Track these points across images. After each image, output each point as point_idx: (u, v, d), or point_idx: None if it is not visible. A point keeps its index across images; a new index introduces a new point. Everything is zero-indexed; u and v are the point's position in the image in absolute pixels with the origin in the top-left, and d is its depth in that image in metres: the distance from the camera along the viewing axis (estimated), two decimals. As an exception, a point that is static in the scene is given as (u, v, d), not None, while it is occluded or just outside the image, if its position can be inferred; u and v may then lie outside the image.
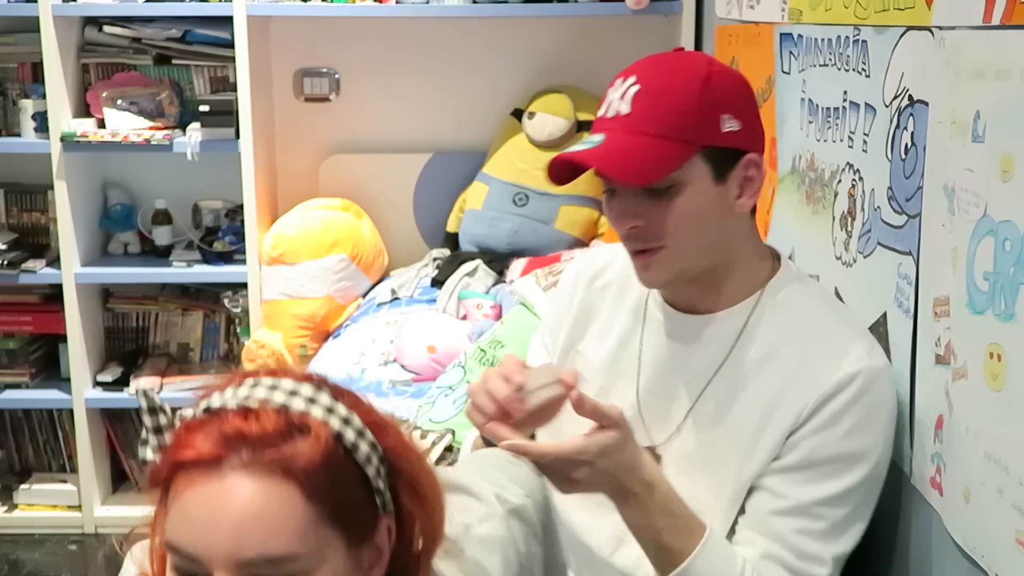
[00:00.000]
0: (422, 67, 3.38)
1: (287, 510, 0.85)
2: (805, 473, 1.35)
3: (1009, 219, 1.13)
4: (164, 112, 3.18)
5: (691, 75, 1.34)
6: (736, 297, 1.42)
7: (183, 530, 0.85)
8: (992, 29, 1.18)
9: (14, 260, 3.12)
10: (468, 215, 3.22)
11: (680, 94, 1.32)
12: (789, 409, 1.36)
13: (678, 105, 1.32)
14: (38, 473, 3.39)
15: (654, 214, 1.33)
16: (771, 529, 1.36)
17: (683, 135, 1.31)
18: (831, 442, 1.34)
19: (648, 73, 1.34)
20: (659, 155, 1.31)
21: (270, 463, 0.85)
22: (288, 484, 0.85)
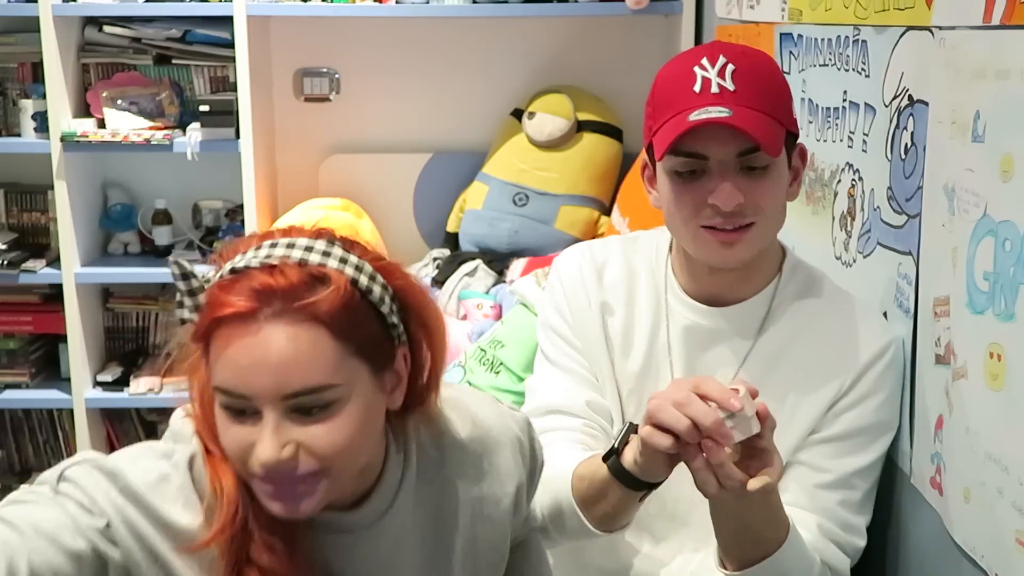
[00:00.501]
0: (422, 67, 3.37)
1: (318, 349, 0.99)
2: (846, 444, 1.40)
3: (1009, 219, 1.13)
4: (164, 112, 3.18)
5: (767, 60, 1.40)
6: (761, 283, 1.46)
7: (231, 375, 0.98)
8: (992, 29, 1.17)
9: (14, 260, 3.12)
10: (468, 215, 3.22)
11: (770, 75, 1.37)
12: (830, 383, 1.40)
13: (775, 86, 1.36)
14: (38, 473, 3.37)
15: (752, 191, 1.34)
16: (819, 504, 1.39)
17: (779, 115, 1.35)
18: (868, 412, 1.40)
19: (731, 53, 1.34)
20: (776, 132, 1.33)
21: (298, 311, 0.98)
22: (316, 327, 0.99)
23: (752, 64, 1.35)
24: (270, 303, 0.98)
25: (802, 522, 1.35)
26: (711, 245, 1.37)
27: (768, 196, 1.35)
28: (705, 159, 1.33)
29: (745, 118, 1.30)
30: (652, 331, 1.48)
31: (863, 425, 1.41)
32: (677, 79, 1.35)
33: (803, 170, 1.43)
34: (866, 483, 1.42)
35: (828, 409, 1.41)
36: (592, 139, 3.15)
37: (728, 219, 1.34)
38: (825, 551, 1.37)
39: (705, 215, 1.35)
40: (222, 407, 1.01)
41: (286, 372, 0.98)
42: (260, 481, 1.02)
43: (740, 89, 1.32)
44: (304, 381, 0.99)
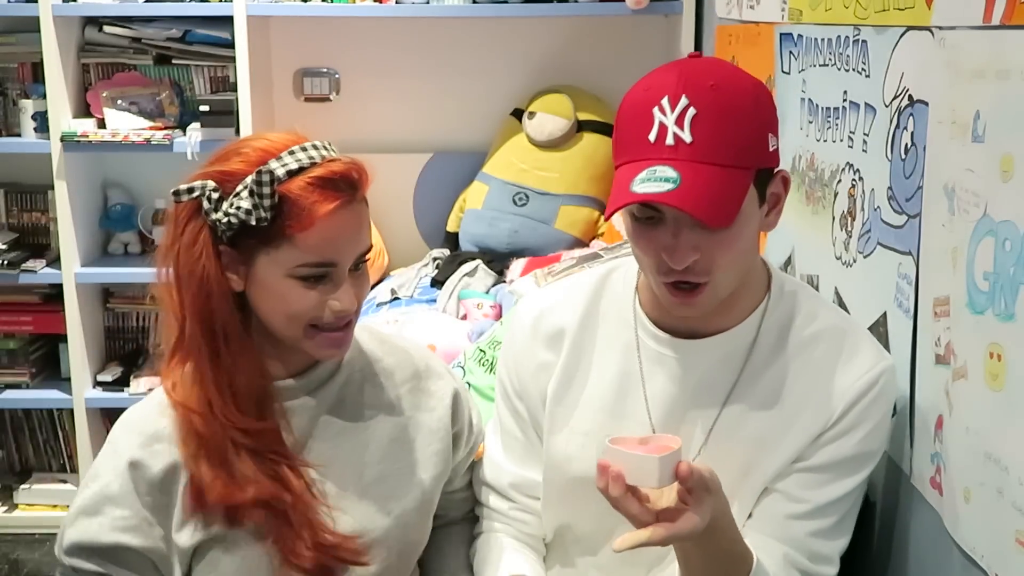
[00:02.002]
0: (422, 67, 3.37)
1: (367, 219, 1.34)
2: (825, 475, 1.36)
3: (1009, 219, 1.13)
4: (164, 112, 3.18)
5: (742, 93, 1.26)
6: (743, 313, 1.38)
7: (326, 248, 1.27)
8: (992, 29, 1.17)
9: (14, 260, 3.12)
10: (468, 215, 3.22)
11: (738, 116, 1.24)
12: (818, 414, 1.35)
13: (739, 129, 1.23)
14: (38, 473, 3.39)
15: (710, 247, 1.25)
16: (788, 534, 1.35)
17: (745, 160, 1.24)
18: (852, 444, 1.35)
19: (696, 92, 1.23)
20: (732, 190, 1.23)
21: (361, 195, 1.32)
22: (362, 203, 1.33)
23: (719, 104, 1.22)
24: (349, 190, 1.28)
25: (768, 552, 1.33)
26: (668, 296, 1.30)
27: (726, 251, 1.25)
28: (659, 211, 1.25)
29: (692, 187, 1.19)
30: (624, 372, 1.41)
31: (845, 456, 1.35)
32: (635, 119, 1.26)
33: (784, 196, 1.33)
34: (841, 510, 1.37)
35: (813, 440, 1.35)
36: (592, 139, 3.15)
37: (683, 275, 1.26)
38: None
39: (661, 265, 1.27)
40: (300, 279, 1.27)
41: (360, 239, 1.31)
42: (324, 332, 1.31)
43: (698, 140, 1.21)
44: (367, 243, 1.33)
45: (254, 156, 1.27)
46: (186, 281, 1.29)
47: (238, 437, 1.30)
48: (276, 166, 1.25)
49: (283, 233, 1.25)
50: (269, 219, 1.24)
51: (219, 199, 1.26)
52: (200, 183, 1.27)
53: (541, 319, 1.48)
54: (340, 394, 1.42)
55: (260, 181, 1.23)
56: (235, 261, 1.29)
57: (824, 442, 1.36)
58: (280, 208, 1.24)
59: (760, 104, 1.27)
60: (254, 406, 1.32)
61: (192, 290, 1.29)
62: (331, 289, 1.29)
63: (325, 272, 1.28)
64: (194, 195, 1.27)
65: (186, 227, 1.28)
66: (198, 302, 1.29)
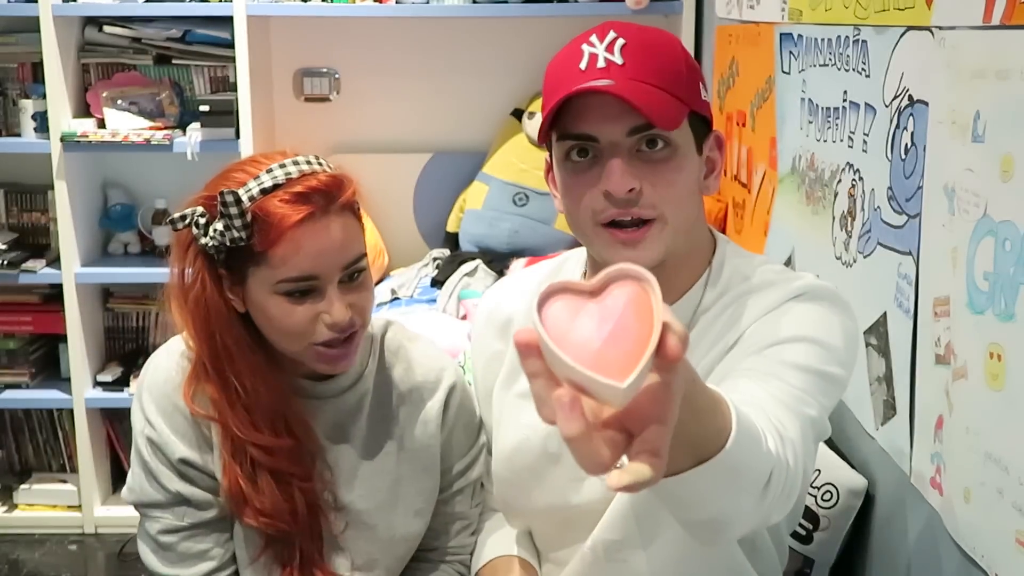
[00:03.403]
0: (422, 67, 3.37)
1: (354, 228, 1.33)
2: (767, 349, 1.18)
3: (1009, 219, 1.13)
4: (164, 112, 3.18)
5: (667, 36, 1.24)
6: (683, 286, 1.27)
7: (303, 263, 1.26)
8: (992, 29, 1.18)
9: (14, 260, 3.12)
10: (468, 215, 3.22)
11: (666, 50, 1.20)
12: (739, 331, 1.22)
13: (669, 61, 1.19)
14: (38, 473, 3.39)
15: (650, 177, 1.17)
16: (754, 383, 1.13)
17: (678, 92, 1.18)
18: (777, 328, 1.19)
19: (623, 28, 1.21)
20: (670, 103, 1.16)
21: (339, 205, 1.30)
22: (348, 214, 1.31)
23: (647, 39, 1.20)
24: (320, 203, 1.27)
25: (752, 396, 1.11)
26: (613, 246, 1.20)
27: (669, 184, 1.18)
28: (595, 140, 1.18)
29: (631, 90, 1.13)
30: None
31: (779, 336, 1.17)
32: (564, 60, 1.22)
33: (721, 161, 1.27)
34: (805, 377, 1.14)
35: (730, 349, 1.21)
36: (592, 139, 3.15)
37: (625, 209, 1.17)
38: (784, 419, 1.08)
39: (600, 206, 1.18)
40: (285, 295, 1.28)
41: (343, 249, 1.29)
42: (321, 347, 1.30)
43: (629, 63, 1.16)
44: (352, 254, 1.30)
45: (240, 179, 1.29)
46: (191, 306, 1.32)
47: (255, 453, 1.32)
48: (252, 185, 1.27)
49: (259, 251, 1.26)
50: (245, 238, 1.25)
51: (206, 224, 1.28)
52: (191, 210, 1.29)
53: (494, 310, 1.44)
54: (358, 403, 1.42)
55: (225, 202, 1.24)
56: (233, 283, 1.31)
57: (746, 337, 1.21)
58: (254, 226, 1.25)
59: (685, 51, 1.24)
60: (269, 423, 1.33)
61: (197, 314, 1.31)
62: (320, 303, 1.28)
63: (308, 287, 1.28)
64: (186, 222, 1.29)
65: (186, 253, 1.31)
66: (201, 324, 1.31)
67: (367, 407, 1.42)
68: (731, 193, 2.66)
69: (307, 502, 1.34)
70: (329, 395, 1.40)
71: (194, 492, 1.35)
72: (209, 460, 1.35)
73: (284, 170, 1.28)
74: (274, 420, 1.33)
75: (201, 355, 1.33)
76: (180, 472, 1.35)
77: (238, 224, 1.25)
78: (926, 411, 1.38)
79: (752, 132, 2.40)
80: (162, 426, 1.35)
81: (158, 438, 1.35)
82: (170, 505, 1.36)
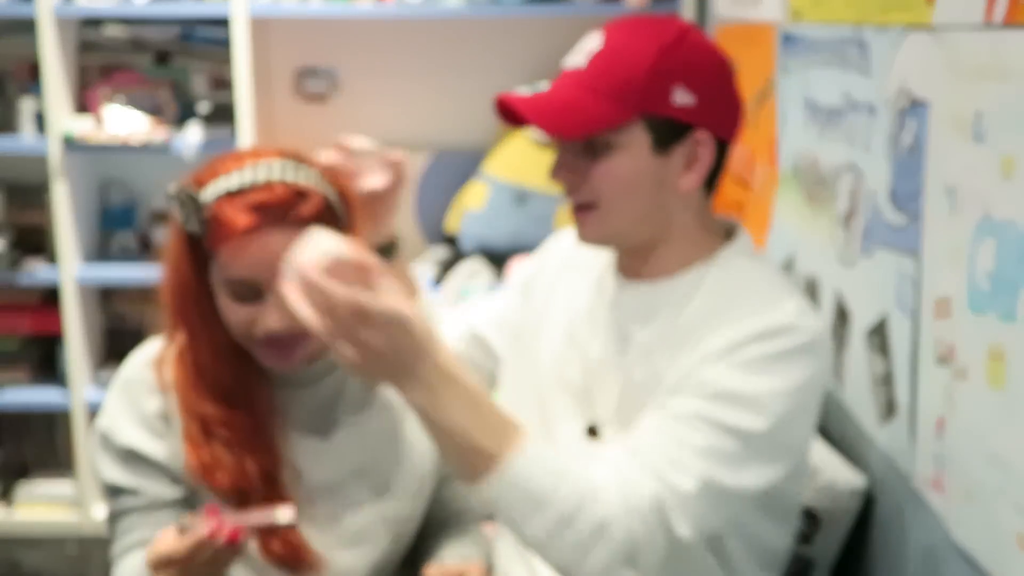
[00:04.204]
0: (422, 67, 3.37)
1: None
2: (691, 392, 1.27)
3: (1010, 219, 1.13)
4: (163, 112, 3.18)
5: (654, 39, 1.31)
6: (678, 267, 1.38)
7: (243, 270, 1.29)
8: (993, 29, 1.17)
9: (13, 260, 3.12)
10: (468, 215, 3.22)
11: (633, 57, 1.30)
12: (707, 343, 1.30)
13: (627, 67, 1.30)
14: (38, 473, 3.39)
15: (587, 172, 1.33)
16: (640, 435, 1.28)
17: (626, 98, 1.29)
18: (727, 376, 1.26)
19: (616, 33, 1.34)
20: (595, 113, 1.29)
21: (291, 220, 1.29)
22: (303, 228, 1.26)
23: (621, 43, 1.32)
24: (269, 216, 1.28)
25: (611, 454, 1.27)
26: (573, 221, 1.39)
27: (604, 179, 1.32)
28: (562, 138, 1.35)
29: (549, 98, 1.32)
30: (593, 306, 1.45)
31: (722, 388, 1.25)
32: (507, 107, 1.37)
33: (704, 160, 1.34)
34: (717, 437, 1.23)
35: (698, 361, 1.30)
36: (592, 139, 3.15)
37: (569, 195, 1.36)
38: (622, 468, 1.23)
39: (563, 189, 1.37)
40: (229, 293, 1.31)
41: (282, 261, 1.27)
42: (262, 345, 1.33)
43: (589, 68, 1.32)
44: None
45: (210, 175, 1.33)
46: (166, 276, 1.38)
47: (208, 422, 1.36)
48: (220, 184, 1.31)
49: (212, 248, 1.32)
50: (200, 233, 1.31)
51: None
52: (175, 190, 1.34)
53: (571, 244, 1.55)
54: (337, 390, 1.46)
55: (181, 200, 1.30)
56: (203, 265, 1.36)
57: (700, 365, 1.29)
58: (209, 224, 1.30)
59: (670, 56, 1.31)
60: (221, 396, 1.37)
61: (169, 283, 1.38)
62: (260, 308, 1.32)
63: (248, 291, 1.31)
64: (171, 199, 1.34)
65: (173, 234, 1.37)
66: (171, 293, 1.38)
67: (347, 393, 1.46)
68: (731, 193, 2.66)
69: (260, 471, 1.36)
70: (304, 383, 1.43)
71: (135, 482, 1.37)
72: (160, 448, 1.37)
73: (248, 176, 1.31)
74: (227, 394, 1.36)
75: (173, 324, 1.39)
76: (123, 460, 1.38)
77: (193, 220, 1.30)
78: (927, 412, 1.38)
79: (753, 132, 2.40)
80: (116, 412, 1.39)
81: (108, 424, 1.39)
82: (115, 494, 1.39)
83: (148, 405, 1.39)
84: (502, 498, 1.18)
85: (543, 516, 1.18)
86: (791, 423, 1.28)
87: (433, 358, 1.15)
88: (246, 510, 1.27)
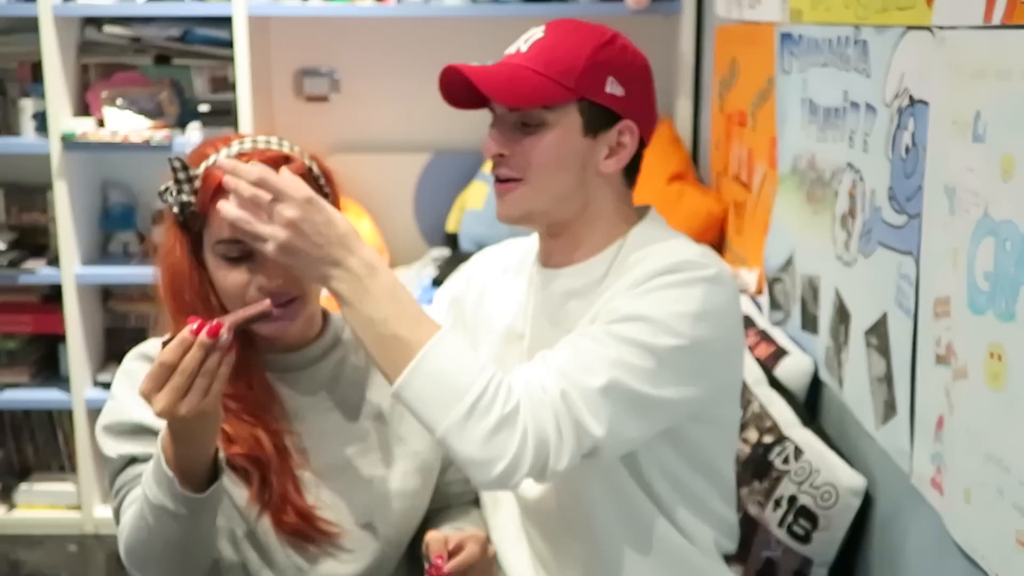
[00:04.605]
0: (422, 67, 3.35)
1: None
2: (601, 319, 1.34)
3: (1010, 219, 1.13)
4: (164, 112, 3.18)
5: (592, 36, 1.41)
6: (595, 249, 1.44)
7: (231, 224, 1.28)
8: (992, 29, 1.18)
9: (14, 260, 3.12)
10: (468, 215, 3.22)
11: (573, 47, 1.40)
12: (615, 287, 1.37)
13: (568, 54, 1.39)
14: (38, 473, 3.39)
15: (519, 147, 1.40)
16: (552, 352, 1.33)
17: (564, 80, 1.37)
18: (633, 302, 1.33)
19: (558, 28, 1.44)
20: (536, 88, 1.38)
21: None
22: None
23: (560, 34, 1.42)
24: None
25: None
26: (496, 196, 1.45)
27: (536, 154, 1.39)
28: (494, 112, 1.45)
29: (494, 70, 1.40)
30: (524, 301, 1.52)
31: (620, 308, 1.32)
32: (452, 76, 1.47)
33: (627, 148, 1.42)
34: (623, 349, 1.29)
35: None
36: (592, 139, 3.15)
37: (497, 169, 1.43)
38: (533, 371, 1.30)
39: (493, 167, 1.44)
40: (222, 258, 1.34)
41: None
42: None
43: (528, 53, 1.41)
44: None
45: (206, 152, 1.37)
46: (163, 266, 1.39)
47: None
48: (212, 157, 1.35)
49: (203, 211, 1.34)
50: (192, 201, 1.33)
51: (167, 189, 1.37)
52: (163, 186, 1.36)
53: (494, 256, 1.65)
54: (335, 371, 1.47)
55: (173, 167, 1.33)
56: (196, 246, 1.38)
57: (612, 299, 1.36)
58: (200, 191, 1.34)
59: (605, 51, 1.40)
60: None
61: (167, 271, 1.39)
62: (252, 268, 1.34)
63: (240, 251, 1.33)
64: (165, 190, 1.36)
65: (166, 225, 1.39)
66: (169, 281, 1.39)
67: (345, 374, 1.47)
68: (732, 193, 2.66)
69: (272, 441, 1.37)
70: (300, 366, 1.45)
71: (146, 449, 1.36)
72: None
73: (240, 145, 1.36)
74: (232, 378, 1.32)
75: (173, 315, 1.39)
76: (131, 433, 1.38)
77: (186, 189, 1.33)
78: (926, 411, 1.38)
79: (752, 132, 2.40)
80: (121, 396, 1.40)
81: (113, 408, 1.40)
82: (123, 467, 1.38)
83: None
84: (418, 387, 1.24)
85: (456, 406, 1.23)
86: (703, 346, 1.32)
87: (359, 251, 1.26)
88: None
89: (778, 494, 1.71)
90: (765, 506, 1.72)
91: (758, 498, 1.74)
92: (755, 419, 1.80)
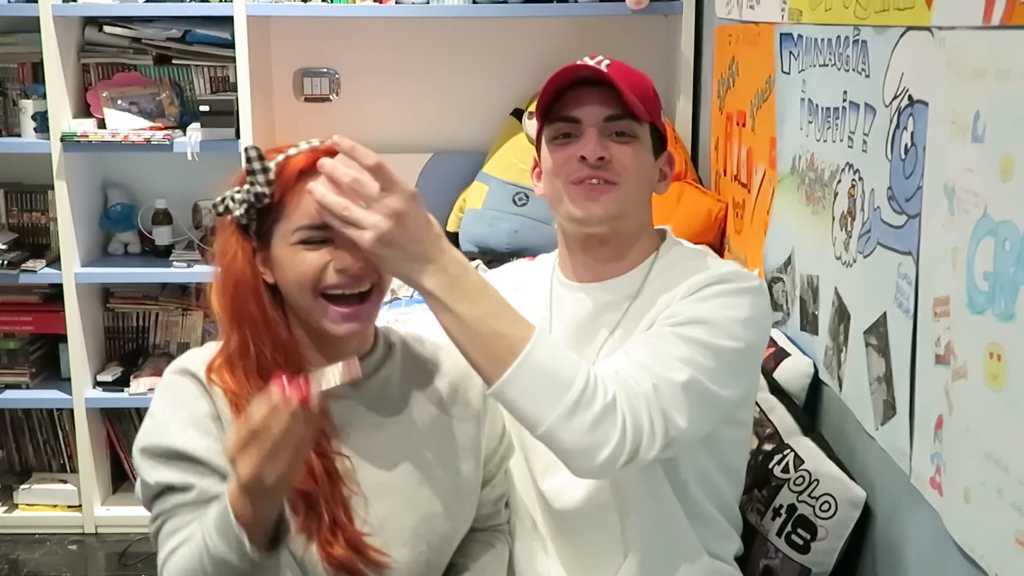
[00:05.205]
0: (422, 67, 3.38)
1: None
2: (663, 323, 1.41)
3: (1009, 219, 1.13)
4: (164, 112, 3.18)
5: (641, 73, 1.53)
6: (634, 262, 1.53)
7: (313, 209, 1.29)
8: (992, 29, 1.18)
9: (14, 260, 3.12)
10: (468, 215, 3.22)
11: (641, 75, 1.52)
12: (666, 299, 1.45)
13: (642, 82, 1.51)
14: (38, 473, 3.39)
15: (618, 153, 1.47)
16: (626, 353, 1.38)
17: (645, 104, 1.48)
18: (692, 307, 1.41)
19: (611, 60, 1.50)
20: (640, 106, 1.47)
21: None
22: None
23: (627, 67, 1.51)
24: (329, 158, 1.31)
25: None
26: (578, 198, 1.47)
27: (631, 160, 1.48)
28: (578, 122, 1.48)
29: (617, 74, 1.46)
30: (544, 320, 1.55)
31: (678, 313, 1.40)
32: (561, 69, 1.48)
33: (670, 175, 1.57)
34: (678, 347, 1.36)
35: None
36: (592, 139, 3.15)
37: (594, 171, 1.46)
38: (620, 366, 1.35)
39: (574, 168, 1.47)
40: (302, 243, 1.32)
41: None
42: (332, 303, 1.33)
43: (612, 72, 1.46)
44: None
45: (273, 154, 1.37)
46: (223, 278, 1.37)
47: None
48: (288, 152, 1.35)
49: (281, 204, 1.33)
50: (268, 193, 1.32)
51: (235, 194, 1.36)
52: (227, 192, 1.36)
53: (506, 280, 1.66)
54: (382, 390, 1.45)
55: (249, 157, 1.32)
56: (261, 249, 1.36)
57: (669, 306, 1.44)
58: (276, 181, 1.33)
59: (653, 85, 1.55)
60: None
61: (228, 284, 1.36)
62: (333, 251, 1.32)
63: (324, 236, 1.32)
64: (223, 202, 1.35)
65: (223, 234, 1.38)
66: (231, 294, 1.36)
67: (391, 392, 1.45)
68: (731, 193, 2.66)
69: (323, 465, 1.34)
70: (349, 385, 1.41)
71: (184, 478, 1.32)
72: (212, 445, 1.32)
73: (305, 145, 1.36)
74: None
75: (228, 327, 1.36)
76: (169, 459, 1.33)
77: (261, 180, 1.32)
78: (926, 411, 1.38)
79: (752, 132, 2.40)
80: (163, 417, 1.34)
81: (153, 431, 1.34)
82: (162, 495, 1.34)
83: (198, 407, 1.34)
84: (525, 382, 1.26)
85: (563, 397, 1.26)
86: (752, 349, 1.43)
87: (450, 251, 1.30)
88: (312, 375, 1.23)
89: (777, 503, 1.70)
90: (764, 514, 1.72)
91: (758, 506, 1.74)
92: (756, 425, 1.80)
